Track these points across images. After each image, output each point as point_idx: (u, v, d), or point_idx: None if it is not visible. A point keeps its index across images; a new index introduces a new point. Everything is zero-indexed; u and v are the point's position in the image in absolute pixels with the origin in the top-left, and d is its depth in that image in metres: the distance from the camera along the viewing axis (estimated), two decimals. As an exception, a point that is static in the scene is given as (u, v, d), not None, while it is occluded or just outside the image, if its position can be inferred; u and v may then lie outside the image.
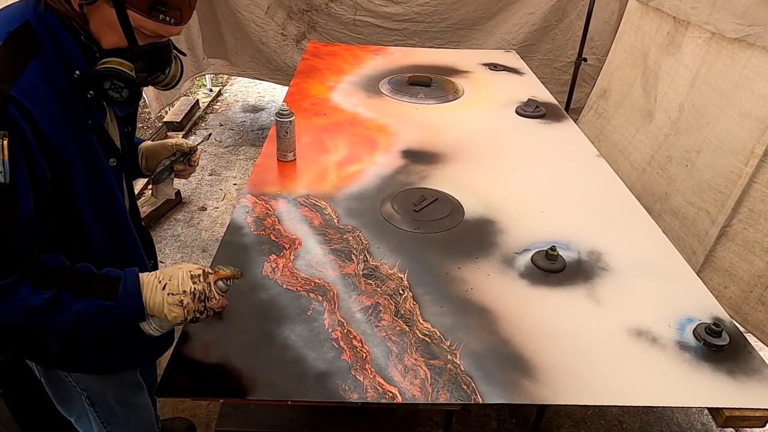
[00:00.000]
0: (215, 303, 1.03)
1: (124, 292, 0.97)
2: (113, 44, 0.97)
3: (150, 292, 1.00)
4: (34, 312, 0.91)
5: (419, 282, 1.38)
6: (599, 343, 1.24)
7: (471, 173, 1.91)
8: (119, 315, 0.97)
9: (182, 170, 1.45)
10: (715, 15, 2.32)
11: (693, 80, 2.50)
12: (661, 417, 2.13)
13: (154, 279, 1.01)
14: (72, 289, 0.93)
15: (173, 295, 0.99)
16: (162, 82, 1.12)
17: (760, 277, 2.05)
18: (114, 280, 0.98)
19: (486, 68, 2.94)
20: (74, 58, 0.95)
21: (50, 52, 0.93)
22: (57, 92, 0.93)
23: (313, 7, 3.83)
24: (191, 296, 1.00)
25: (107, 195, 1.10)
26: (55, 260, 0.96)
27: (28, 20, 0.92)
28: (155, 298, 0.99)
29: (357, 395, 1.07)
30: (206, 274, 1.03)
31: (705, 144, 2.36)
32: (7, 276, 0.87)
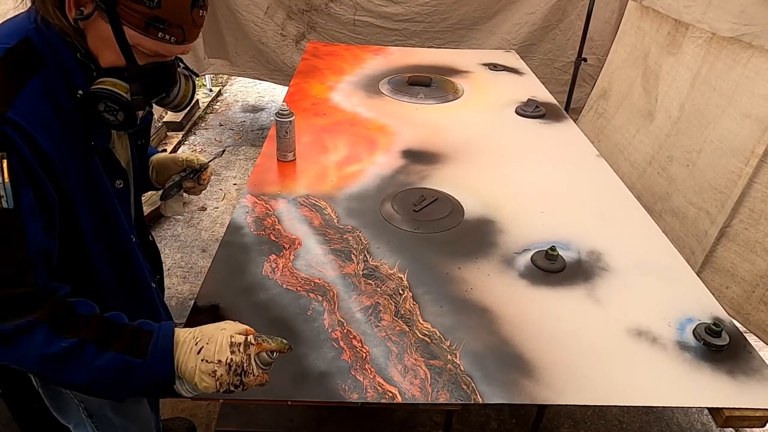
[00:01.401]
0: (252, 380, 0.90)
1: (155, 350, 0.87)
2: (111, 62, 0.91)
3: (184, 354, 0.89)
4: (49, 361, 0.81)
5: (419, 282, 1.38)
6: (599, 343, 1.24)
7: (471, 173, 1.91)
8: (146, 375, 0.86)
9: (191, 188, 1.41)
10: (710, 14, 2.32)
11: (693, 80, 2.50)
12: (661, 417, 2.13)
13: (192, 339, 0.90)
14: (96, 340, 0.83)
15: (207, 363, 0.87)
16: (170, 104, 1.08)
17: (762, 277, 2.05)
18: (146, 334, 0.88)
19: (486, 68, 2.94)
20: (74, 75, 0.91)
21: (53, 69, 0.88)
22: (59, 111, 0.88)
23: (313, 7, 3.83)
24: (226, 367, 0.88)
25: (109, 219, 1.04)
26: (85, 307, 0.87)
27: (29, 36, 0.87)
28: (188, 362, 0.88)
29: (357, 395, 1.07)
30: (248, 344, 0.90)
31: (706, 144, 2.36)
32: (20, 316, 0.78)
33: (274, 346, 0.93)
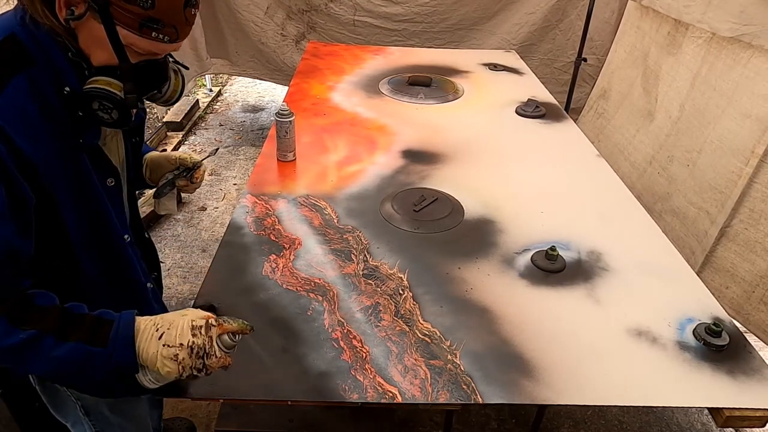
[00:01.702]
0: (215, 362, 0.91)
1: (116, 337, 0.87)
2: (103, 61, 0.91)
3: (145, 341, 0.89)
4: (10, 352, 0.83)
5: (419, 282, 1.38)
6: (599, 343, 1.24)
7: (471, 173, 1.91)
8: (106, 363, 0.87)
9: (184, 186, 1.41)
10: (710, 14, 2.32)
11: (693, 80, 2.50)
12: (661, 417, 2.13)
13: (152, 326, 0.91)
14: (54, 331, 0.84)
15: (169, 347, 0.88)
16: (160, 99, 1.08)
17: (762, 278, 2.05)
18: (106, 323, 0.88)
19: (486, 68, 2.94)
20: (64, 73, 0.90)
21: (41, 67, 0.87)
22: (46, 110, 0.87)
23: (313, 7, 3.83)
24: (188, 350, 0.89)
25: (99, 217, 1.03)
26: (44, 299, 0.88)
27: (14, 32, 0.86)
28: (149, 348, 0.89)
29: (357, 395, 1.07)
30: (209, 327, 0.92)
31: (706, 144, 2.36)
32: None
33: (236, 327, 0.94)
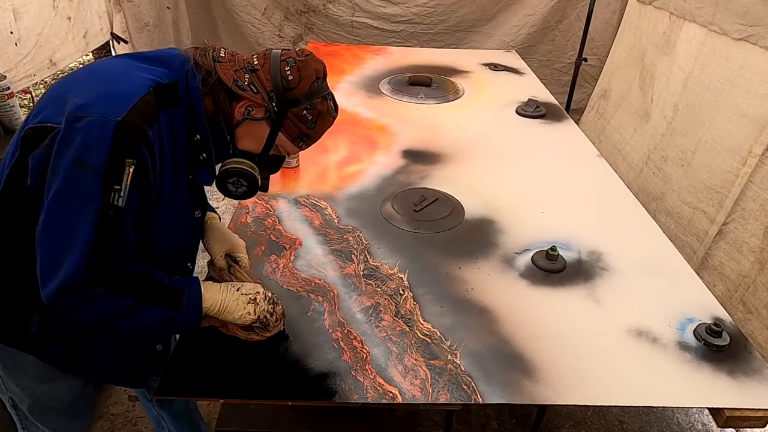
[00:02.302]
0: (279, 311, 1.16)
1: (188, 303, 1.06)
2: (248, 148, 1.11)
3: (224, 293, 1.11)
4: (112, 318, 0.99)
5: (419, 282, 1.38)
6: (600, 343, 1.24)
7: (471, 173, 1.91)
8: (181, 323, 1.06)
9: None
10: (719, 15, 2.32)
11: (686, 80, 2.51)
12: (662, 417, 2.13)
13: (228, 286, 1.13)
14: (147, 300, 1.01)
15: (247, 294, 1.12)
16: None
17: (744, 277, 2.05)
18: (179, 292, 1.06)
19: (486, 68, 2.94)
20: (199, 124, 1.06)
21: (181, 111, 1.03)
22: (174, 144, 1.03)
23: (311, 8, 3.83)
24: (263, 296, 1.13)
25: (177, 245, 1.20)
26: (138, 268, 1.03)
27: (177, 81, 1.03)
28: (230, 297, 1.11)
29: (357, 395, 1.07)
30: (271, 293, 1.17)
31: (700, 144, 2.37)
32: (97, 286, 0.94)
33: None
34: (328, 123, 1.14)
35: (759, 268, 1.99)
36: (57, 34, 2.76)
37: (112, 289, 0.96)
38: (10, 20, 2.41)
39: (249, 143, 1.11)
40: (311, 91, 1.08)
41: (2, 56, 2.36)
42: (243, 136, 1.10)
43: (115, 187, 0.92)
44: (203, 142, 1.08)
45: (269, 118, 1.07)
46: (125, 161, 0.92)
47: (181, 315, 1.05)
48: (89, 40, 3.09)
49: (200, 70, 1.05)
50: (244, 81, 1.06)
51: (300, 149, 1.16)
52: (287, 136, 1.10)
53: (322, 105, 1.10)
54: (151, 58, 1.07)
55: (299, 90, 1.07)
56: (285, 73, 1.07)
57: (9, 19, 2.41)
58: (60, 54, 2.80)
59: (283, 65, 1.08)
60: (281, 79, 1.06)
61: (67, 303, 0.95)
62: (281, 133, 1.09)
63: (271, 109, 1.06)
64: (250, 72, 1.07)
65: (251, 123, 1.08)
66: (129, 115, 0.92)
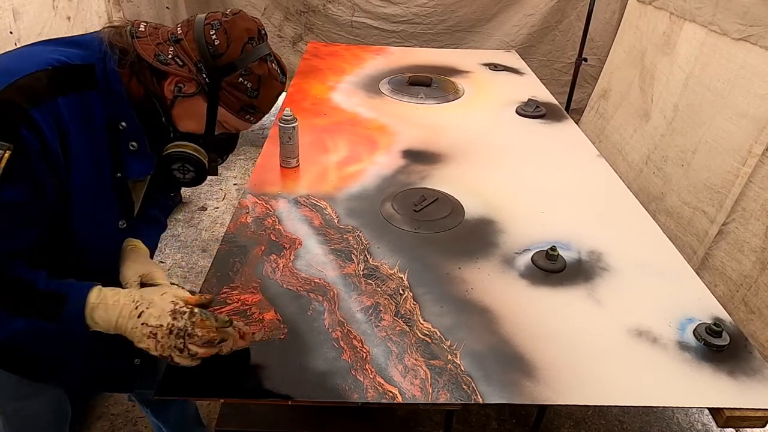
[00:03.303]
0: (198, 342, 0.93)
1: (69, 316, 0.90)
2: (190, 130, 1.01)
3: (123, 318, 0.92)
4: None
5: (419, 282, 1.38)
6: (600, 343, 1.24)
7: (471, 173, 1.91)
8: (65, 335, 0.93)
9: None
10: (719, 15, 2.32)
11: (686, 80, 2.51)
12: (662, 417, 2.13)
13: (132, 303, 0.93)
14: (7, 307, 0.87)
15: (147, 326, 0.92)
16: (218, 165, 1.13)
17: (746, 277, 2.05)
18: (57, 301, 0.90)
19: (486, 68, 2.94)
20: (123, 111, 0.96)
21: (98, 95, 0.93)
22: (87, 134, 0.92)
23: (310, 8, 3.82)
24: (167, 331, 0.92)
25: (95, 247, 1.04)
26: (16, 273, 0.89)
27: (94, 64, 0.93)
28: (128, 324, 0.92)
29: (357, 395, 1.07)
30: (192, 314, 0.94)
31: (701, 144, 2.37)
32: None
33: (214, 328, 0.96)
34: (274, 89, 1.01)
35: (761, 268, 1.98)
36: (57, 34, 2.76)
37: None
38: (10, 20, 2.41)
39: (189, 124, 1.00)
40: (244, 55, 0.96)
41: (2, 56, 2.36)
42: (181, 117, 0.99)
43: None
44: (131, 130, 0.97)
45: (203, 91, 0.96)
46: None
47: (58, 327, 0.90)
48: (89, 40, 3.08)
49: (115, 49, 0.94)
50: (168, 54, 0.95)
51: (249, 123, 1.04)
52: (229, 110, 0.99)
53: (260, 68, 0.97)
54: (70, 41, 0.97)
55: (230, 55, 0.95)
56: (210, 38, 0.95)
57: (9, 19, 2.40)
58: (60, 54, 2.79)
59: (207, 29, 0.95)
60: (207, 46, 0.95)
61: None
62: (221, 108, 0.98)
63: (203, 82, 0.95)
64: (174, 43, 0.96)
65: (185, 100, 0.97)
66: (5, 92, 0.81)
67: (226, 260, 1.41)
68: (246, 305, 1.27)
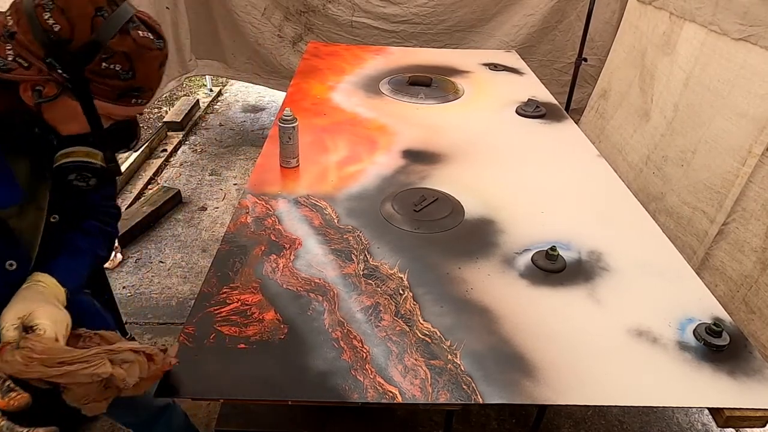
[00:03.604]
0: None
1: None
2: (74, 132, 0.86)
3: None
4: None
5: (419, 282, 1.38)
6: (600, 343, 1.24)
7: (471, 173, 1.91)
8: None
9: None
10: (719, 15, 2.32)
11: (687, 80, 2.51)
12: (662, 417, 2.13)
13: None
14: None
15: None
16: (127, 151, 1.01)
17: (746, 277, 2.05)
18: None
19: (486, 68, 2.94)
20: None
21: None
22: None
23: (310, 8, 3.82)
24: None
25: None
26: None
27: None
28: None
29: (357, 395, 1.07)
30: None
31: (700, 144, 2.37)
32: None
33: None
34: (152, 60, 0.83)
35: (761, 268, 1.98)
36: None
37: None
38: (10, 20, 2.41)
39: (70, 126, 0.85)
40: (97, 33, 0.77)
41: (2, 56, 2.36)
42: (57, 122, 0.84)
43: None
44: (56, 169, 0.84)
45: (67, 90, 0.79)
46: None
47: None
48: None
49: None
50: (7, 56, 0.77)
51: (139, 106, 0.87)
52: (107, 100, 0.83)
53: (123, 44, 0.79)
54: None
55: (78, 39, 0.76)
56: (47, 23, 0.75)
57: (9, 18, 2.40)
58: (60, 54, 2.79)
59: (40, 12, 0.75)
60: (47, 35, 0.76)
61: None
62: (97, 100, 0.82)
63: (61, 79, 0.78)
64: (9, 39, 0.77)
65: (51, 105, 0.80)
66: None
67: (226, 260, 1.41)
68: (246, 305, 1.27)
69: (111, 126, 0.89)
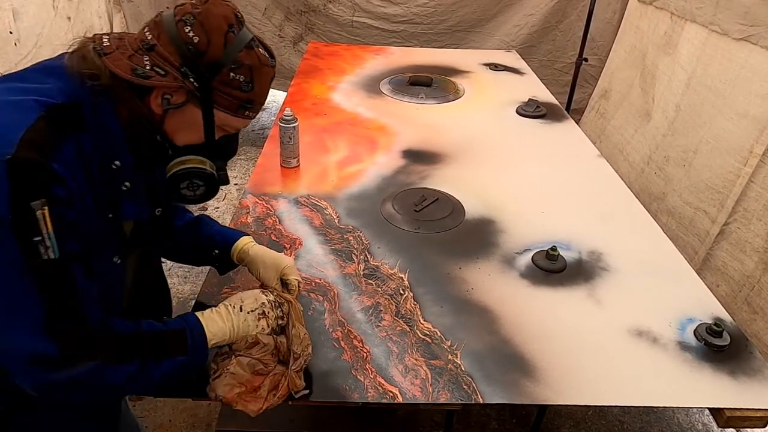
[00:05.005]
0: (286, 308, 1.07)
1: (193, 344, 0.92)
2: (188, 141, 0.93)
3: (227, 319, 0.98)
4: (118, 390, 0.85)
5: (420, 282, 1.38)
6: (600, 343, 1.23)
7: (472, 173, 1.91)
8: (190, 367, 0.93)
9: None
10: (719, 15, 2.32)
11: (689, 80, 2.51)
12: (662, 417, 2.13)
13: (226, 308, 1.00)
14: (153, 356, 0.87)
15: (252, 311, 1.01)
16: None
17: (748, 277, 2.05)
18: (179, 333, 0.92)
19: (486, 68, 2.94)
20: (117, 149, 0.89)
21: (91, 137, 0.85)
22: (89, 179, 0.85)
23: (311, 8, 3.82)
24: (269, 306, 1.04)
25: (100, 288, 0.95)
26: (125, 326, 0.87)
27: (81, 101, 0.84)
28: (237, 321, 0.99)
29: (357, 395, 1.07)
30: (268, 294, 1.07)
31: (702, 144, 2.37)
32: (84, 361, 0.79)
33: None
34: (267, 76, 0.94)
35: (764, 268, 1.98)
36: (57, 34, 2.76)
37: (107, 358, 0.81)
38: (10, 20, 2.41)
39: (186, 136, 0.92)
40: (229, 47, 0.87)
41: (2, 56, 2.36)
42: (175, 131, 0.91)
43: (35, 240, 0.74)
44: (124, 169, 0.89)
45: (194, 98, 0.87)
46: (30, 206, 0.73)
47: (188, 359, 0.91)
48: (89, 40, 3.09)
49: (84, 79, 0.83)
50: (145, 66, 0.85)
51: (248, 119, 0.97)
52: (226, 111, 0.91)
53: (249, 58, 0.89)
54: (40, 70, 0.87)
55: (213, 51, 0.86)
56: (187, 36, 0.85)
57: (8, 19, 2.41)
58: (60, 54, 2.80)
59: (181, 27, 0.85)
60: (186, 45, 0.85)
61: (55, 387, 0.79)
62: (217, 110, 0.90)
63: (191, 87, 0.86)
64: (148, 51, 0.86)
65: (176, 112, 0.88)
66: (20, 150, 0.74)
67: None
68: (246, 305, 1.27)
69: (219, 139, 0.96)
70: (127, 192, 0.92)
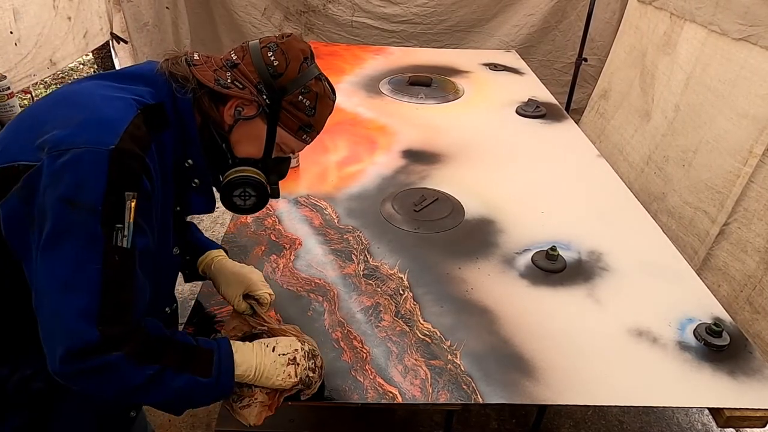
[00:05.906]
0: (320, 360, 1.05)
1: (219, 368, 0.92)
2: (247, 154, 1.00)
3: (258, 356, 0.98)
4: (133, 390, 0.83)
5: (419, 282, 1.38)
6: (600, 343, 1.23)
7: (471, 173, 1.91)
8: (212, 391, 0.91)
9: None
10: (719, 15, 2.32)
11: (687, 80, 2.51)
12: (662, 417, 2.13)
13: (261, 345, 1.00)
14: (173, 365, 0.87)
15: (284, 355, 1.00)
16: None
17: (750, 277, 2.05)
18: (208, 353, 0.92)
19: (486, 68, 2.94)
20: (192, 148, 0.96)
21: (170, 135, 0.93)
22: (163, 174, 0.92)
23: (311, 8, 3.82)
24: (302, 354, 1.01)
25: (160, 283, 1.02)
26: (157, 328, 0.88)
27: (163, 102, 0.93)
28: (265, 360, 0.98)
29: (357, 395, 1.07)
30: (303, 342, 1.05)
31: (701, 144, 2.37)
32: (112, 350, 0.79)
33: None
34: (328, 107, 1.04)
35: (765, 268, 1.98)
36: (57, 34, 2.76)
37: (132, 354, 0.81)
38: (10, 20, 2.41)
39: (248, 148, 1.00)
40: (302, 73, 0.98)
41: (2, 56, 2.37)
42: (239, 141, 0.99)
43: (117, 226, 0.79)
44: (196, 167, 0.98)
45: (263, 113, 0.97)
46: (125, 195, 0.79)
47: (210, 382, 0.90)
48: (89, 40, 3.09)
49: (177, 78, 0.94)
50: (227, 79, 0.96)
51: (304, 143, 1.05)
52: (288, 130, 1.00)
53: (317, 86, 1.00)
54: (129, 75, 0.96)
55: (289, 74, 0.97)
56: (269, 59, 0.96)
57: (9, 19, 2.41)
58: (60, 54, 2.80)
59: (265, 52, 0.97)
60: (266, 67, 0.96)
61: (79, 373, 0.79)
62: (281, 129, 0.99)
63: (263, 103, 0.96)
64: (231, 68, 0.97)
65: (245, 124, 0.97)
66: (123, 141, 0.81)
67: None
68: (246, 305, 1.27)
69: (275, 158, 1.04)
70: (196, 188, 1.00)
